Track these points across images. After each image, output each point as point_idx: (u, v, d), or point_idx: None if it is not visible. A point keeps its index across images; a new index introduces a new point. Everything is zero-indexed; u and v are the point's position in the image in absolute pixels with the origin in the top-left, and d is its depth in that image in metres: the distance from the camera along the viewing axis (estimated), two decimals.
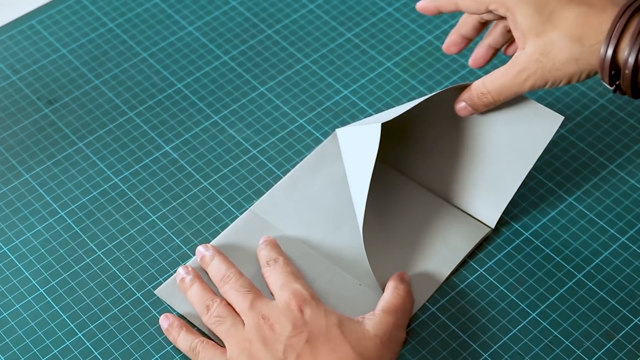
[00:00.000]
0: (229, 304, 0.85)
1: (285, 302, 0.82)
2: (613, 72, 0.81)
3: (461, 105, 0.89)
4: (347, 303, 0.87)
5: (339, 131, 0.97)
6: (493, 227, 0.92)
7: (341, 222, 0.93)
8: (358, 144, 0.92)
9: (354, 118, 1.00)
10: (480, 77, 1.04)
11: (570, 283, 0.89)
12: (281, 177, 0.96)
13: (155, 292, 0.89)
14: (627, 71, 0.80)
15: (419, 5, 0.91)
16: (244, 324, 0.83)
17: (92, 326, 0.87)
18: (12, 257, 0.91)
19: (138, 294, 0.88)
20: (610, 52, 0.80)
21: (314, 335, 0.80)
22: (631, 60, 0.79)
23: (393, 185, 0.95)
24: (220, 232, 0.93)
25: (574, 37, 0.81)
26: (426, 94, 1.01)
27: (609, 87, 0.82)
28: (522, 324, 0.87)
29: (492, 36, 0.93)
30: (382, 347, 0.81)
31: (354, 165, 0.92)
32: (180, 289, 0.88)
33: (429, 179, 0.95)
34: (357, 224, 0.92)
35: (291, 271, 0.86)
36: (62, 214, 0.94)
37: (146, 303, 0.88)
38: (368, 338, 0.81)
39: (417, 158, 0.95)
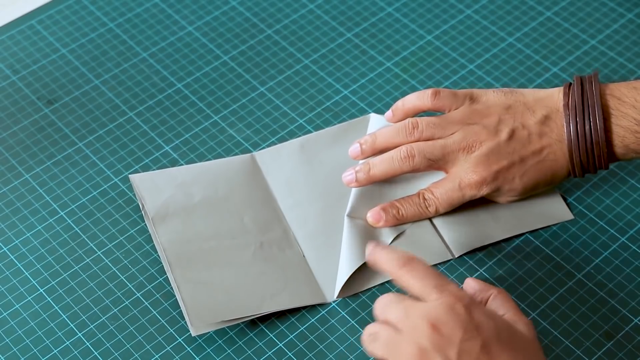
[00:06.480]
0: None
1: (450, 304, 0.75)
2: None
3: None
4: (286, 269, 0.89)
5: (373, 116, 0.97)
6: (457, 256, 0.91)
7: (322, 203, 0.93)
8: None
9: (353, 118, 1.00)
10: (478, 76, 1.04)
11: (570, 283, 0.89)
12: None
13: (130, 176, 0.94)
14: None
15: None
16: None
17: (92, 326, 0.87)
18: (12, 257, 0.91)
19: (138, 294, 0.88)
20: None
21: (487, 341, 0.74)
22: None
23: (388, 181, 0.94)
24: None
25: None
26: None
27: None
28: None
29: None
30: (540, 350, 0.77)
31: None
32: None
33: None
34: (336, 212, 0.92)
35: (434, 270, 0.78)
36: (62, 214, 0.94)
37: (146, 303, 0.88)
38: (530, 342, 0.77)
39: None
